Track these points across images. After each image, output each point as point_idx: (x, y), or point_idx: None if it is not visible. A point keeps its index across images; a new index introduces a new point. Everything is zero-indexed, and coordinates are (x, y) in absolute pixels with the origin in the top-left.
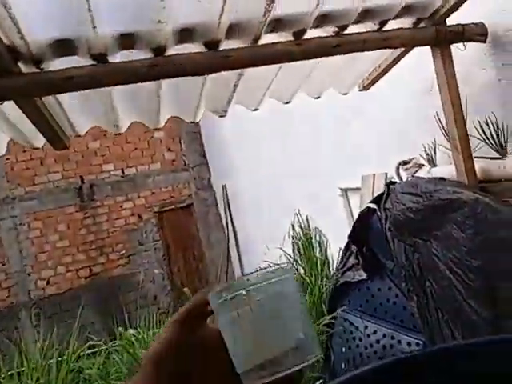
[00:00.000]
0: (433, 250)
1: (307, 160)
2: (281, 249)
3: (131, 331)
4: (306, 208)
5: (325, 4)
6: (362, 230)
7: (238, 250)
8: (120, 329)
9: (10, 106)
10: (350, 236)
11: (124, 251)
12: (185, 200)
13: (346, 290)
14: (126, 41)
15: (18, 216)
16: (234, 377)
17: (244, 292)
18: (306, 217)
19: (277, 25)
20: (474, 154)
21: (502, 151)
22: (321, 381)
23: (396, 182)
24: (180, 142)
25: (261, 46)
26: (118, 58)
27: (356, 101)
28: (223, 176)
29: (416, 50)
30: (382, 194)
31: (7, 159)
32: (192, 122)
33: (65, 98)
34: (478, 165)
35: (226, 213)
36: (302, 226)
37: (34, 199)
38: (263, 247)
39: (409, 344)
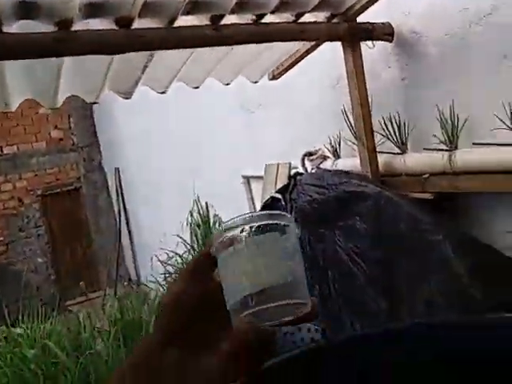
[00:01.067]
0: (336, 241)
1: (210, 146)
2: (178, 236)
3: (18, 330)
4: (206, 195)
5: None
6: None
7: (130, 237)
8: (3, 328)
9: None
10: None
11: (2, 238)
12: (72, 183)
13: None
14: (26, 9)
15: None
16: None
17: (242, 230)
18: (206, 203)
19: (194, 7)
20: (377, 149)
21: (402, 147)
22: None
23: (302, 173)
24: (69, 120)
25: (176, 28)
26: (13, 28)
27: (264, 89)
28: (116, 158)
29: (324, 44)
30: (288, 184)
31: None
32: (93, 103)
33: None
34: (381, 159)
35: (118, 197)
36: (201, 212)
37: None
38: (159, 234)
39: (309, 330)
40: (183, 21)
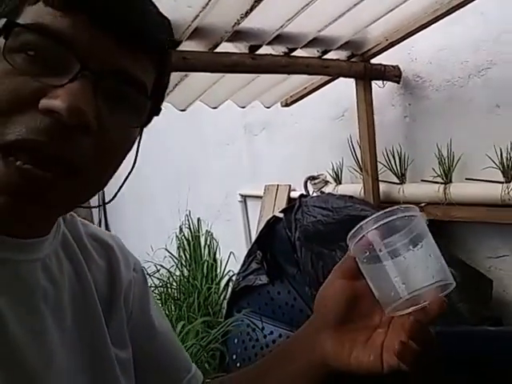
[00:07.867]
0: (336, 259)
1: (206, 163)
2: (166, 249)
3: None
4: (200, 211)
5: (285, 27)
6: (268, 237)
7: None
8: None
9: None
10: (256, 242)
11: None
12: None
13: (245, 293)
14: None
15: None
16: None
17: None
18: (198, 219)
19: (236, 36)
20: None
21: (401, 178)
22: None
23: (307, 195)
24: None
25: (218, 54)
26: None
27: (268, 114)
28: None
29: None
30: (293, 205)
31: None
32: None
33: None
34: (382, 187)
35: (99, 208)
36: (191, 228)
37: None
38: (145, 247)
39: None
40: (224, 47)
